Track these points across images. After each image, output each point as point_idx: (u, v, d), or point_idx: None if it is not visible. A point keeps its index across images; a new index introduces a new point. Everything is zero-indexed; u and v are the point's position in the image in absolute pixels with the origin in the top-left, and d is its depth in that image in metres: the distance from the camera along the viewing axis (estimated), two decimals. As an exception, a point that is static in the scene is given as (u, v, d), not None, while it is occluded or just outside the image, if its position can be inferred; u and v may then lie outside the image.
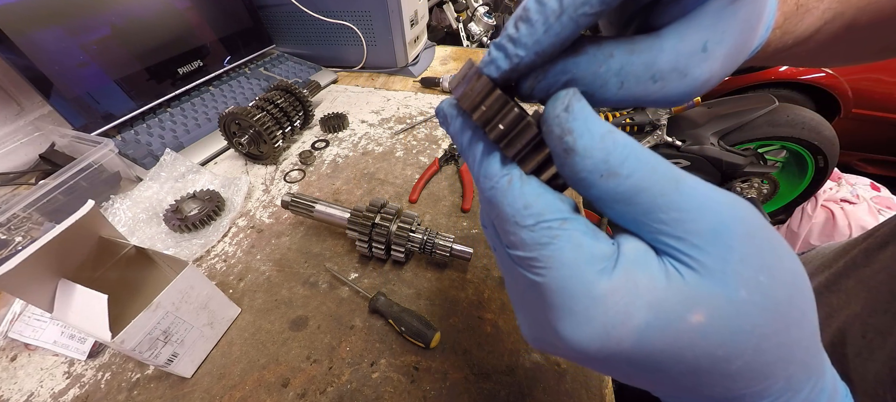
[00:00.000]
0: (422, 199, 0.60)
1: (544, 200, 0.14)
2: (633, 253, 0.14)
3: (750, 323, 0.13)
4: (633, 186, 0.13)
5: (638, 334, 0.13)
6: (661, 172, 0.13)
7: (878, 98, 1.63)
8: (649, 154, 0.13)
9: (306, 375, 0.39)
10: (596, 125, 0.13)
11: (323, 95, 0.90)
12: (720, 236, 0.13)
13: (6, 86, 0.67)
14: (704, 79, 0.15)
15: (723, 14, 0.14)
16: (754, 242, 0.13)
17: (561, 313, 0.14)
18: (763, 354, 0.13)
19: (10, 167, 0.66)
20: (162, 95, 0.75)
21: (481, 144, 0.16)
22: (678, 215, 0.13)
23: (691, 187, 0.13)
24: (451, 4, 1.68)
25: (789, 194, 1.56)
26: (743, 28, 0.15)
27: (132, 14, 0.70)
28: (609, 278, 0.13)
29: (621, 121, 1.37)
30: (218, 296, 0.41)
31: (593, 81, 0.15)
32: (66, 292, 0.34)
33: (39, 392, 0.39)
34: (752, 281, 0.13)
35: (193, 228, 0.54)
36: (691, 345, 0.13)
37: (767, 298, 0.13)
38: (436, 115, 0.18)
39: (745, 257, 0.13)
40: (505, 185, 0.15)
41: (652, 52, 0.14)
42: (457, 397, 0.37)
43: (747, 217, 0.13)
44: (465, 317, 0.43)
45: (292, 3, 0.87)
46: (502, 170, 0.15)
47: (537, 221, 0.14)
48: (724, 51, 0.15)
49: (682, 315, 0.13)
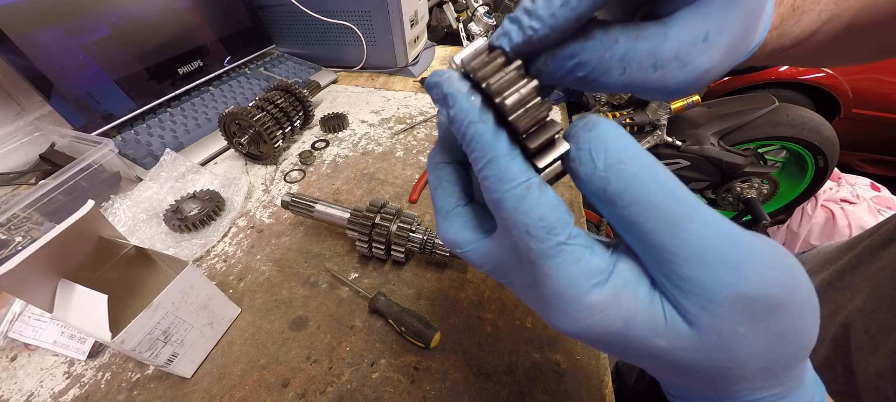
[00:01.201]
0: (422, 199, 0.59)
1: (557, 213, 0.15)
2: (626, 274, 0.15)
3: (740, 356, 0.14)
4: (628, 217, 0.14)
5: (611, 335, 0.15)
6: (659, 213, 0.13)
7: (878, 98, 1.63)
8: (655, 189, 0.13)
9: (306, 375, 0.39)
10: (613, 152, 0.14)
11: (323, 95, 0.90)
12: (734, 298, 0.13)
13: (6, 86, 0.67)
14: (704, 69, 0.15)
15: (727, 5, 0.14)
16: (767, 299, 0.13)
17: (554, 312, 0.15)
18: (725, 382, 0.14)
19: (10, 167, 0.66)
20: (162, 95, 0.75)
21: (501, 137, 0.15)
22: (670, 258, 0.13)
23: (694, 234, 0.13)
24: (451, 4, 1.68)
25: (789, 194, 1.56)
26: (744, 22, 0.15)
27: (132, 14, 0.70)
28: (599, 292, 0.14)
29: (622, 121, 1.37)
30: (218, 296, 0.41)
31: (599, 65, 0.15)
32: (66, 292, 0.34)
33: (39, 392, 0.39)
34: (753, 327, 0.13)
35: (193, 228, 0.54)
36: (656, 356, 0.15)
37: (763, 339, 0.13)
38: (428, 89, 0.16)
39: (752, 314, 0.13)
40: (522, 192, 0.14)
41: (656, 40, 0.14)
42: (457, 397, 0.37)
43: (765, 272, 0.13)
44: (465, 317, 0.43)
45: (292, 3, 0.87)
46: (524, 174, 0.15)
47: (548, 233, 0.15)
48: (724, 42, 0.15)
49: (649, 338, 0.14)
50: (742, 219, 1.47)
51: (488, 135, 0.15)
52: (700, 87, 0.16)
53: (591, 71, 0.15)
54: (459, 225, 0.19)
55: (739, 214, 1.47)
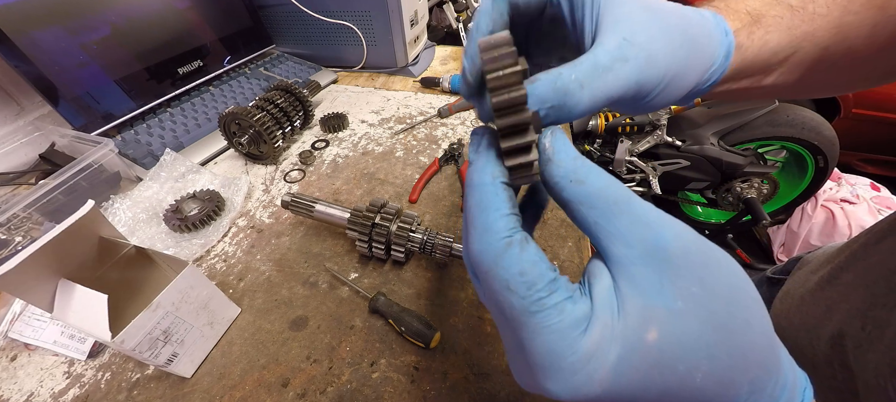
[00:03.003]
0: (422, 199, 0.60)
1: (538, 269, 0.15)
2: (603, 295, 0.16)
3: (694, 332, 0.15)
4: (594, 191, 0.16)
5: (613, 371, 0.15)
6: (616, 187, 0.16)
7: (878, 98, 1.63)
8: (609, 176, 0.17)
9: (306, 375, 0.39)
10: (570, 149, 0.17)
11: (323, 94, 0.90)
12: (658, 249, 0.15)
13: (6, 86, 0.67)
14: (644, 58, 0.18)
15: (618, 17, 0.19)
16: (688, 257, 0.15)
17: (548, 373, 0.15)
18: (717, 361, 0.15)
19: (10, 167, 0.66)
20: (162, 95, 0.75)
21: (500, 193, 0.17)
22: (628, 224, 0.16)
23: (638, 205, 0.16)
24: (451, 4, 1.68)
25: (789, 194, 1.56)
26: (649, 20, 0.19)
27: (132, 14, 0.70)
28: (589, 335, 0.15)
29: (621, 120, 1.37)
30: (218, 296, 0.41)
31: (555, 93, 0.17)
32: (66, 292, 0.34)
33: (39, 392, 0.39)
34: (684, 291, 0.15)
35: (193, 228, 0.54)
36: (657, 365, 0.15)
37: (702, 307, 0.15)
38: (472, 135, 0.19)
39: (679, 271, 0.15)
40: (503, 247, 0.16)
41: (591, 59, 0.17)
42: (457, 397, 0.37)
43: (682, 234, 0.16)
44: (465, 317, 0.43)
45: (292, 3, 0.87)
46: (507, 230, 0.16)
47: (529, 289, 0.15)
48: (644, 38, 0.18)
49: (641, 336, 0.15)
50: (742, 219, 1.47)
51: (489, 184, 0.17)
52: (659, 78, 0.19)
53: (557, 100, 0.17)
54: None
55: (739, 214, 1.47)
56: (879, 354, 0.30)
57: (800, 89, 0.28)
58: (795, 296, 0.44)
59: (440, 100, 0.84)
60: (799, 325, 0.41)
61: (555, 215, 0.54)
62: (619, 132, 1.39)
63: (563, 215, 0.54)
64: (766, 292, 0.55)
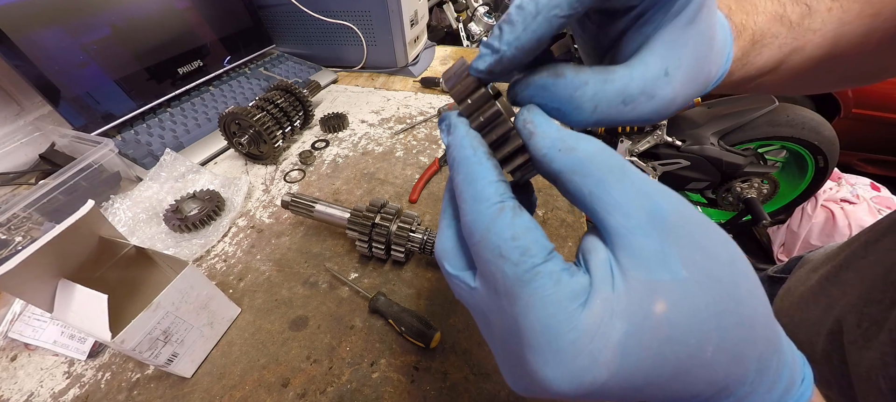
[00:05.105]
0: (422, 199, 0.60)
1: (532, 235, 0.15)
2: (601, 270, 0.15)
3: (702, 301, 0.14)
4: (586, 157, 0.15)
5: (620, 350, 0.14)
6: (609, 153, 0.16)
7: (878, 98, 1.63)
8: (599, 141, 0.16)
9: (306, 375, 0.39)
10: (550, 121, 0.17)
11: (323, 95, 0.90)
12: (658, 219, 0.15)
13: (6, 86, 0.67)
14: (669, 99, 0.17)
15: (677, 44, 0.17)
16: (688, 225, 0.15)
17: (547, 357, 0.14)
18: (727, 332, 0.14)
19: (10, 167, 0.66)
20: (162, 95, 0.75)
21: (484, 162, 0.16)
22: (626, 193, 0.15)
23: (634, 172, 0.15)
24: (451, 4, 1.68)
25: (789, 194, 1.56)
26: (696, 56, 0.18)
27: (132, 14, 0.70)
28: (589, 309, 0.14)
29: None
30: (218, 296, 0.41)
31: (569, 101, 0.16)
32: (66, 292, 0.34)
33: (39, 392, 0.39)
34: (689, 260, 0.14)
35: (193, 228, 0.54)
36: (667, 340, 0.14)
37: (707, 275, 0.14)
38: (439, 123, 0.19)
39: (680, 239, 0.15)
40: (495, 212, 0.15)
41: (624, 80, 0.16)
42: (457, 397, 0.37)
43: (678, 203, 0.15)
44: (465, 317, 0.43)
45: (292, 3, 0.87)
46: (498, 196, 0.15)
47: (522, 255, 0.15)
48: (683, 74, 0.17)
49: (647, 309, 0.14)
50: (742, 219, 1.47)
51: (472, 156, 0.16)
52: (669, 113, 0.18)
53: (562, 103, 0.17)
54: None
55: (739, 214, 1.47)
56: (874, 351, 0.30)
57: (785, 89, 0.30)
58: (796, 294, 0.45)
59: (440, 100, 0.84)
60: (799, 322, 0.41)
61: (555, 215, 0.54)
62: (618, 132, 1.39)
63: (563, 215, 0.55)
64: (768, 290, 0.55)
